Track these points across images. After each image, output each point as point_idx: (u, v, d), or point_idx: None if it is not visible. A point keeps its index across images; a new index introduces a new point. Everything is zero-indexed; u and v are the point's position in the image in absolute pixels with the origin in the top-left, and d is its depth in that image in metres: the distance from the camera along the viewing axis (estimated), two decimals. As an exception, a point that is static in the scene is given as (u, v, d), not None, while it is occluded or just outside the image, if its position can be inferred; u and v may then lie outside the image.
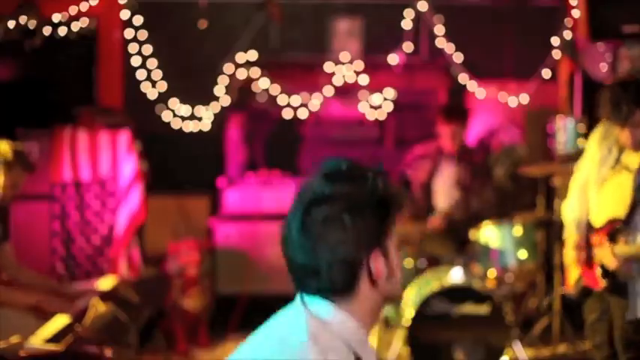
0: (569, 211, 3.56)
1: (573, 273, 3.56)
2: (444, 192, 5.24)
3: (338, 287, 1.53)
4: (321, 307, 1.55)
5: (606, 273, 3.30)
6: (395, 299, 1.62)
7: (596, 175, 3.37)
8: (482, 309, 4.37)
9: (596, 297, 3.42)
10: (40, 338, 3.13)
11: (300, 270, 1.56)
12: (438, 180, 5.26)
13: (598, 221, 3.38)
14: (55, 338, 3.16)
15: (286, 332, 1.54)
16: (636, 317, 3.20)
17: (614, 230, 3.27)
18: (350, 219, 1.51)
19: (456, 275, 4.48)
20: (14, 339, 3.03)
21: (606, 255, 3.26)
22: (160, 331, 4.27)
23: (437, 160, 5.24)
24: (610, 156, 3.33)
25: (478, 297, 4.38)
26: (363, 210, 1.52)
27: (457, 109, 5.40)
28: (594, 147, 3.44)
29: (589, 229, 3.45)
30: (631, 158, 3.27)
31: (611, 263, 3.24)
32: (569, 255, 3.53)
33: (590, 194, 3.45)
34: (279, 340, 1.53)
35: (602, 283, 3.32)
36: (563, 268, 3.86)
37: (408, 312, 4.41)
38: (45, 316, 3.40)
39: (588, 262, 3.42)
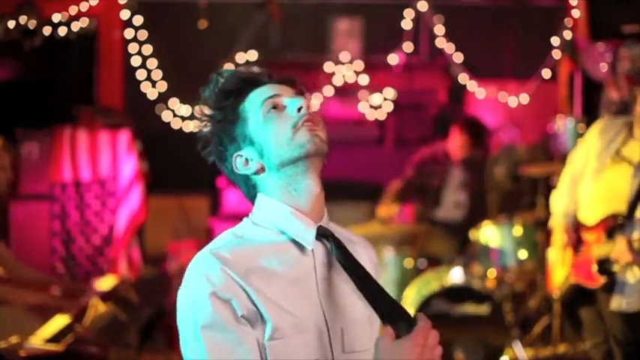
0: (558, 203, 3.55)
1: (559, 272, 3.52)
2: (450, 194, 5.24)
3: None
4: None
5: (604, 269, 3.25)
6: (304, 150, 1.61)
7: (594, 166, 3.34)
8: (483, 309, 4.36)
9: (591, 296, 3.40)
10: (40, 338, 3.13)
11: None
12: (447, 184, 5.25)
13: (591, 218, 3.33)
14: (55, 338, 3.16)
15: None
16: (621, 308, 3.14)
17: (614, 226, 3.22)
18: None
19: (456, 275, 4.47)
20: (14, 339, 3.03)
21: (620, 250, 3.15)
22: (160, 331, 4.27)
23: (447, 164, 5.23)
24: (610, 148, 3.31)
25: (478, 297, 4.37)
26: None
27: (476, 124, 5.33)
28: (593, 139, 3.40)
29: (577, 224, 3.42)
30: (632, 151, 3.24)
31: (626, 257, 3.12)
32: (556, 251, 3.50)
33: (581, 188, 3.41)
34: None
35: (600, 280, 3.27)
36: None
37: (408, 312, 4.41)
38: (47, 315, 3.40)
39: (575, 257, 3.39)
